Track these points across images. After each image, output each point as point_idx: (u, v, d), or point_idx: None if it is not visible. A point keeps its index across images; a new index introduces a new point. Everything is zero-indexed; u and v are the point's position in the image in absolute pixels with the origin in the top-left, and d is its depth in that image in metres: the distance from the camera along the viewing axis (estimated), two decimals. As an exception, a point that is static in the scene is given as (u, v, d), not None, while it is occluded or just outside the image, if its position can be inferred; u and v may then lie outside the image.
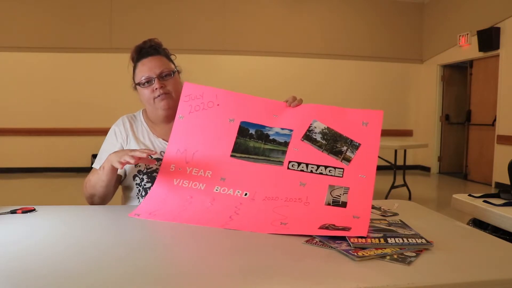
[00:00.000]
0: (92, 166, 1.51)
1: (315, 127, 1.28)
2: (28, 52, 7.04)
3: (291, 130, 1.30)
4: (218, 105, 1.37)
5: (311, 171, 1.23)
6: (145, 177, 1.46)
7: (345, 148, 1.23)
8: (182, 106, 1.40)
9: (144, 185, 1.46)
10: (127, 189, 1.52)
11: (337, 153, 1.23)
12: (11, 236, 1.06)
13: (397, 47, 8.03)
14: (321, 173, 1.22)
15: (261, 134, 1.32)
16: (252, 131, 1.33)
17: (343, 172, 1.20)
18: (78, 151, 7.12)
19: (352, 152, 1.22)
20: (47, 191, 5.99)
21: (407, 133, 8.19)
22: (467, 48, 6.89)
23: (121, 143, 1.53)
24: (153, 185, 1.34)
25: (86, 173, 1.45)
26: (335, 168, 1.21)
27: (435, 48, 7.75)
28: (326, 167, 1.22)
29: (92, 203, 1.47)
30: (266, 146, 1.30)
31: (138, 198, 1.48)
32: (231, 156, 1.31)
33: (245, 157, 1.30)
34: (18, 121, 7.07)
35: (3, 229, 1.11)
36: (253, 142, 1.31)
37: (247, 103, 1.37)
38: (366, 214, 1.10)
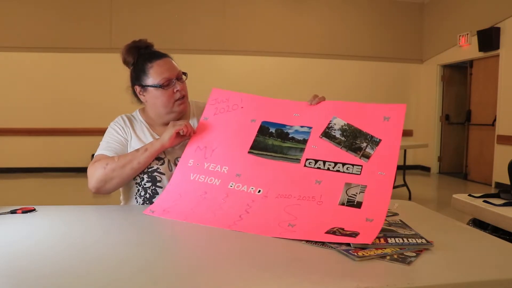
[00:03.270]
0: (97, 153, 1.47)
1: (335, 124, 1.26)
2: (28, 52, 7.04)
3: (310, 128, 1.29)
4: (242, 107, 1.41)
5: (328, 169, 1.19)
6: (145, 176, 1.45)
7: (364, 144, 1.19)
8: (208, 109, 1.45)
9: (144, 184, 1.46)
10: (126, 188, 1.51)
11: (356, 149, 1.19)
12: (11, 236, 1.06)
13: (397, 47, 8.03)
14: (338, 171, 1.17)
15: (281, 132, 1.32)
16: (272, 129, 1.33)
17: (361, 169, 1.15)
18: (78, 151, 7.12)
19: (372, 148, 1.17)
20: (47, 191, 5.99)
21: (407, 133, 8.18)
22: (467, 48, 6.89)
23: (124, 136, 1.51)
24: (170, 180, 1.36)
25: (86, 173, 1.44)
26: (353, 165, 1.17)
27: (435, 48, 7.75)
28: (343, 164, 1.18)
29: (100, 189, 1.40)
30: (285, 144, 1.29)
31: (136, 198, 1.48)
32: (249, 152, 1.31)
33: (262, 154, 1.30)
34: (18, 121, 7.07)
35: (3, 229, 1.11)
36: (272, 140, 1.31)
37: (270, 105, 1.39)
38: (381, 218, 1.04)
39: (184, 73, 1.53)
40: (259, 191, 1.22)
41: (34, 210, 1.29)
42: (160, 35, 6.50)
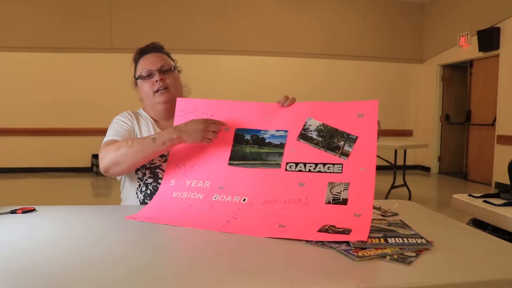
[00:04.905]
0: (108, 139, 1.45)
1: (310, 125, 1.26)
2: (28, 52, 7.04)
3: (286, 131, 1.29)
4: (212, 116, 1.38)
5: (310, 170, 1.20)
6: (147, 172, 1.47)
7: (342, 142, 1.20)
8: (177, 121, 1.41)
9: (146, 180, 1.47)
10: (128, 182, 1.53)
11: (334, 148, 1.20)
12: (11, 236, 1.06)
13: (397, 47, 8.03)
14: (319, 171, 1.18)
15: (257, 138, 1.31)
16: (247, 136, 1.32)
17: (342, 167, 1.16)
18: (78, 151, 7.12)
19: (350, 146, 1.18)
20: (47, 191, 5.99)
21: (407, 133, 8.19)
22: (467, 48, 6.89)
23: (132, 126, 1.54)
24: (153, 198, 1.34)
25: (86, 173, 1.45)
26: (333, 164, 1.18)
27: (435, 48, 7.75)
28: (324, 164, 1.19)
29: (109, 170, 1.38)
30: (263, 150, 1.29)
31: (137, 193, 1.49)
32: (229, 164, 1.30)
33: (242, 163, 1.29)
34: (18, 121, 7.07)
35: (3, 229, 1.11)
36: (250, 148, 1.30)
37: (240, 109, 1.37)
38: (368, 212, 1.06)
39: (174, 67, 1.57)
40: (244, 199, 1.22)
41: (34, 210, 1.29)
42: (160, 35, 6.50)
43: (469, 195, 1.95)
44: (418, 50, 8.12)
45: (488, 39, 6.25)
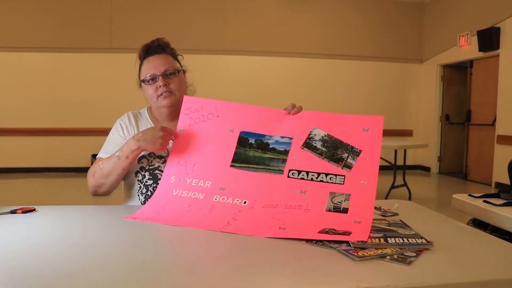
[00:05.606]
0: (97, 156, 1.52)
1: (315, 135, 1.27)
2: (28, 52, 7.04)
3: (290, 138, 1.29)
4: (217, 116, 1.38)
5: (312, 179, 1.21)
6: (147, 174, 1.47)
7: (345, 155, 1.21)
8: (182, 119, 1.41)
9: (146, 182, 1.47)
10: (129, 185, 1.53)
11: (337, 160, 1.22)
12: (11, 236, 1.06)
13: (397, 47, 8.03)
14: (321, 181, 1.20)
15: (261, 143, 1.31)
16: (251, 140, 1.32)
17: (344, 179, 1.19)
18: (78, 151, 7.12)
19: (353, 158, 1.20)
20: (47, 191, 5.99)
21: (407, 133, 8.19)
22: (467, 48, 6.89)
23: (125, 136, 1.54)
24: (152, 195, 1.35)
25: (86, 173, 1.45)
26: (336, 175, 1.20)
27: (435, 48, 7.75)
28: (326, 174, 1.21)
29: (96, 192, 1.46)
30: (266, 155, 1.29)
31: (138, 195, 1.49)
32: (231, 166, 1.30)
33: (245, 166, 1.29)
34: (18, 121, 7.07)
35: (3, 229, 1.11)
36: (253, 152, 1.31)
37: (246, 113, 1.37)
38: (368, 219, 1.08)
39: (178, 70, 1.55)
40: (245, 202, 1.22)
41: (34, 210, 1.29)
42: (160, 35, 6.47)
43: (469, 195, 1.95)
44: (418, 50, 8.12)
45: (488, 39, 6.25)
